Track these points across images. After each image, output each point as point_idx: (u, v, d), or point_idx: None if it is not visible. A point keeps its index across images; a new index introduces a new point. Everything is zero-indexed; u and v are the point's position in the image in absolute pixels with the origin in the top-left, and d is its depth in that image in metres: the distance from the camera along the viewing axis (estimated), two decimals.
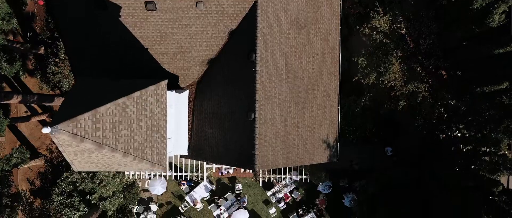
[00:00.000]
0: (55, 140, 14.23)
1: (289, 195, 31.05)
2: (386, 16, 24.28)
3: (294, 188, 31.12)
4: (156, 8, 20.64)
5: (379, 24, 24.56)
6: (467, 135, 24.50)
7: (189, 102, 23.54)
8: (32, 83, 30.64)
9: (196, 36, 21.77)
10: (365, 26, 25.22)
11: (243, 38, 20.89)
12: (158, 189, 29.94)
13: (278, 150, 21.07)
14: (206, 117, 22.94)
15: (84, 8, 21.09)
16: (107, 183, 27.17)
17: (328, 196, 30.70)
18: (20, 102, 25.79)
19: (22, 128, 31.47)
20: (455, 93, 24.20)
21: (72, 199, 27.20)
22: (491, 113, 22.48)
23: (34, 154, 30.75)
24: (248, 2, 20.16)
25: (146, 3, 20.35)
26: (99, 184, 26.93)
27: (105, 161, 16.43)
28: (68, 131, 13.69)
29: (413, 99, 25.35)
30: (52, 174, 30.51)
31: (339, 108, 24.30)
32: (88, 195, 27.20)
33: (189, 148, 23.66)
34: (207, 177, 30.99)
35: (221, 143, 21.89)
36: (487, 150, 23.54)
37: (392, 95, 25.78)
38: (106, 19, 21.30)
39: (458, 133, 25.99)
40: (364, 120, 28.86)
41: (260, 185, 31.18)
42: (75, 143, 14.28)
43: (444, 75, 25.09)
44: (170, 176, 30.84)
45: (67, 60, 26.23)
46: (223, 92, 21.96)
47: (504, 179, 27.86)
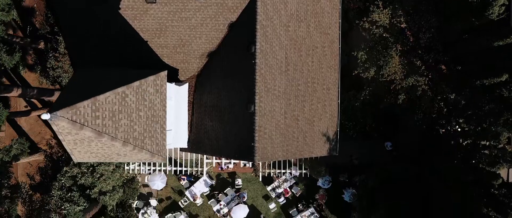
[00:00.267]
0: (55, 128, 14.24)
1: (289, 190, 31.05)
2: (386, 10, 24.29)
3: (294, 183, 31.12)
4: (156, 0, 20.67)
5: (379, 18, 24.56)
6: (467, 129, 24.50)
7: (189, 95, 23.55)
8: (32, 78, 30.66)
9: (196, 29, 21.80)
10: (365, 20, 25.21)
11: (243, 30, 20.92)
12: (158, 184, 29.93)
13: (278, 142, 21.08)
14: (206, 110, 22.96)
15: (84, 0, 21.13)
16: (107, 178, 27.16)
17: (328, 191, 30.70)
18: (20, 95, 25.81)
19: (22, 123, 31.49)
20: (455, 87, 24.21)
21: (72, 194, 27.22)
22: (491, 106, 22.50)
23: (34, 149, 30.77)
24: None
25: None
26: (99, 179, 26.92)
27: (105, 151, 16.44)
28: (68, 118, 13.71)
29: (413, 93, 25.36)
30: (52, 169, 30.51)
31: (339, 102, 24.31)
32: (88, 190, 27.21)
33: (189, 141, 23.67)
34: (207, 172, 30.99)
35: (221, 136, 21.91)
36: (487, 144, 23.54)
37: (392, 89, 25.78)
38: (106, 11, 21.34)
39: (458, 128, 25.99)
40: (364, 115, 28.85)
41: (260, 180, 31.18)
42: (75, 131, 14.29)
43: (444, 69, 25.10)
44: (170, 171, 30.84)
45: (67, 54, 26.26)
46: (223, 85, 21.98)
47: (504, 172, 27.87)
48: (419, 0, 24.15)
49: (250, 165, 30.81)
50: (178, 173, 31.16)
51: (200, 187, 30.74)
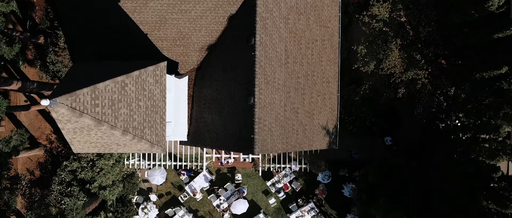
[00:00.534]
0: (54, 115, 14.24)
1: (289, 185, 31.04)
2: (386, 4, 24.31)
3: (294, 178, 31.11)
4: None
5: (379, 12, 24.58)
6: (466, 123, 24.49)
7: (189, 89, 23.55)
8: (32, 73, 30.67)
9: (196, 21, 21.80)
10: (365, 14, 25.24)
11: (242, 23, 20.92)
12: (158, 179, 29.92)
13: (278, 135, 21.07)
14: (206, 103, 22.95)
15: None
16: (107, 172, 27.14)
17: (328, 186, 30.68)
18: (20, 89, 25.80)
19: (22, 118, 31.49)
20: (455, 81, 24.20)
21: (72, 189, 27.18)
22: (491, 100, 22.50)
23: (34, 144, 30.77)
24: None
25: None
26: (99, 173, 26.89)
27: (105, 140, 16.43)
28: (67, 105, 13.71)
29: (413, 86, 25.36)
30: (52, 164, 30.50)
31: (339, 95, 24.30)
32: (88, 184, 27.18)
33: (189, 134, 23.67)
34: (207, 167, 30.98)
35: (221, 129, 21.90)
36: (487, 137, 23.54)
37: (392, 82, 25.78)
38: (106, 4, 21.33)
39: (458, 122, 25.98)
40: (364, 110, 28.85)
41: (260, 175, 31.16)
42: (74, 118, 14.29)
43: (444, 63, 25.10)
44: (170, 166, 30.83)
45: (67, 49, 26.27)
46: (223, 77, 21.97)
47: (504, 166, 27.85)
48: None
49: (250, 160, 30.80)
50: (178, 168, 31.17)
51: (200, 182, 30.74)
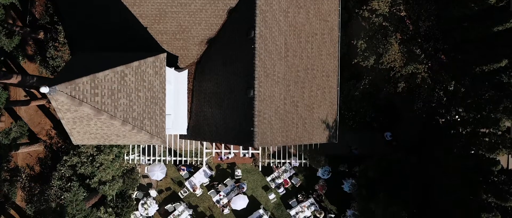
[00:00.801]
0: (54, 103, 14.24)
1: (289, 181, 31.02)
2: None
3: (294, 174, 31.09)
4: None
5: (378, 6, 24.55)
6: (466, 118, 24.48)
7: (188, 83, 23.55)
8: (32, 68, 30.68)
9: (195, 14, 21.81)
10: (365, 9, 25.22)
11: (242, 16, 20.93)
12: (158, 175, 29.91)
13: (277, 128, 21.07)
14: (206, 97, 22.95)
15: None
16: (107, 167, 27.10)
17: (328, 182, 30.67)
18: (19, 83, 25.80)
19: (22, 113, 31.49)
20: (455, 75, 24.19)
21: (72, 184, 27.15)
22: (491, 94, 22.49)
23: (34, 140, 30.76)
24: None
25: None
26: (99, 168, 26.86)
27: (104, 131, 16.43)
28: (67, 93, 13.71)
29: (413, 81, 25.35)
30: (52, 160, 30.48)
31: (338, 89, 24.31)
32: (88, 179, 27.15)
33: (188, 128, 23.67)
34: (207, 163, 30.97)
35: (221, 122, 21.90)
36: (487, 131, 23.53)
37: (391, 77, 25.77)
38: None
39: (458, 118, 25.98)
40: (364, 105, 28.85)
41: (260, 171, 31.15)
42: (74, 107, 14.29)
43: (443, 58, 25.09)
44: (170, 161, 30.82)
45: (67, 44, 26.25)
46: (223, 71, 21.97)
47: (504, 160, 27.85)
48: None
49: (250, 155, 30.80)
50: (178, 164, 31.15)
51: (200, 178, 30.72)
